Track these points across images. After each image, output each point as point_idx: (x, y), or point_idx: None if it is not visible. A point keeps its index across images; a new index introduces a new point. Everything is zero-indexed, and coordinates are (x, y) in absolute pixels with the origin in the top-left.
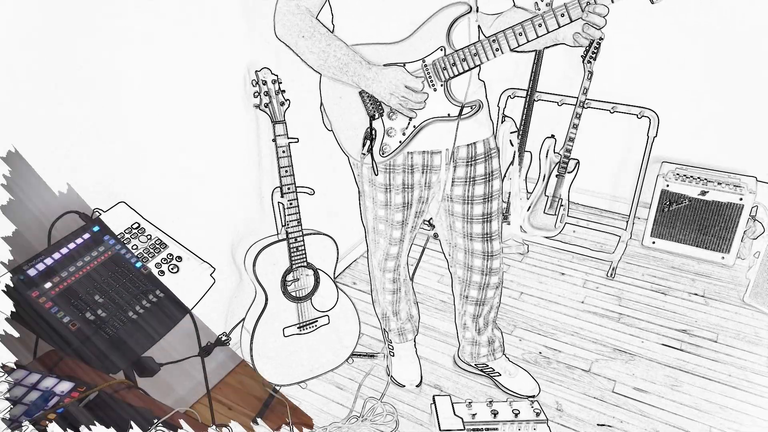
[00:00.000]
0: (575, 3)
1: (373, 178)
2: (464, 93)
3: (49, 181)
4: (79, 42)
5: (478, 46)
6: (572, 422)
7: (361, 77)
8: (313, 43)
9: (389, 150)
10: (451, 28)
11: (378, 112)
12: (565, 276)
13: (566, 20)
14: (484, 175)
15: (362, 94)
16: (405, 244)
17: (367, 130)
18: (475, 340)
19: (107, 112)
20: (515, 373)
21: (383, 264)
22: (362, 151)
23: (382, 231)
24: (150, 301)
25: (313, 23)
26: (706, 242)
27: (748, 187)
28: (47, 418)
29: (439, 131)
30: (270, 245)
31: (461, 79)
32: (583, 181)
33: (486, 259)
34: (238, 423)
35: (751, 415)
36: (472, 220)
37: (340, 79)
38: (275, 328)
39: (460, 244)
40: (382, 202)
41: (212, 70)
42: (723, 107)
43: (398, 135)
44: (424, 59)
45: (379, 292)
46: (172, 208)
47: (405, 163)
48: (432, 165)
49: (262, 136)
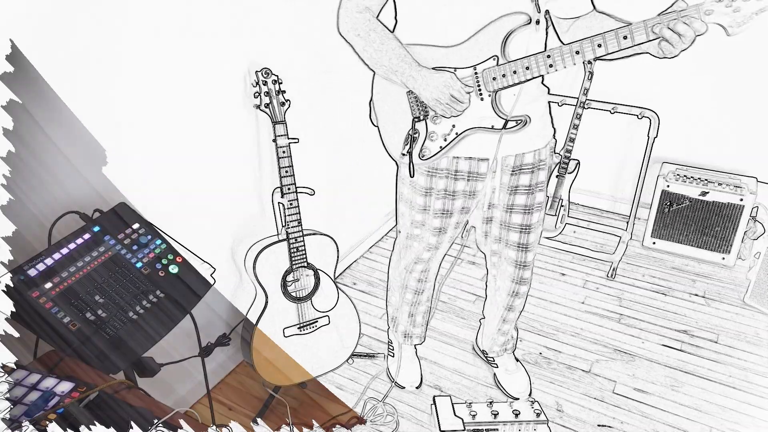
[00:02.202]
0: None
1: (413, 180)
2: (511, 106)
3: (49, 181)
4: (79, 41)
5: (531, 61)
6: (572, 423)
7: (409, 78)
8: (367, 42)
9: (428, 154)
10: (507, 38)
11: (423, 114)
12: (565, 276)
13: (644, 38)
14: (528, 186)
15: (409, 95)
16: (439, 252)
17: (410, 131)
18: (493, 337)
19: (107, 112)
20: (513, 372)
21: (412, 266)
22: (402, 151)
23: (417, 236)
24: (150, 302)
25: (370, 22)
26: (707, 243)
27: (749, 187)
28: (47, 418)
29: (484, 140)
30: (270, 245)
31: (511, 91)
32: (584, 181)
33: (518, 268)
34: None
35: (751, 415)
36: (509, 228)
37: (391, 79)
38: (275, 329)
39: (495, 249)
40: (420, 206)
41: (212, 70)
42: (723, 108)
43: (439, 140)
44: (475, 66)
45: (398, 291)
46: (172, 208)
47: (450, 168)
48: (478, 172)
49: (263, 137)
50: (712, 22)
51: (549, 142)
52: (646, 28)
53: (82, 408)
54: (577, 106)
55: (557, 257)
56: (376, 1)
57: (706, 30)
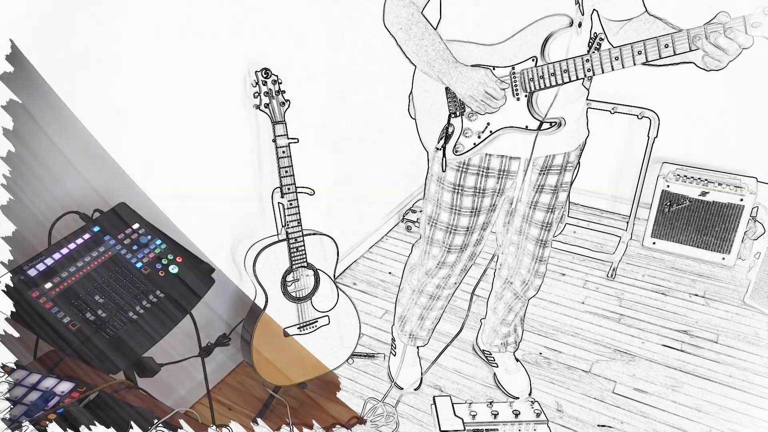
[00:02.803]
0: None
1: (443, 175)
2: (547, 108)
3: (49, 181)
4: (79, 41)
5: (570, 64)
6: (572, 423)
7: (445, 74)
8: (408, 35)
9: (462, 150)
10: (547, 39)
11: (459, 110)
12: (565, 276)
13: (685, 48)
14: (554, 186)
15: (448, 91)
16: (465, 255)
17: (445, 126)
18: (496, 328)
19: (107, 112)
20: (513, 371)
21: (435, 271)
22: (437, 145)
23: (439, 240)
24: (150, 302)
25: (413, 16)
26: (707, 243)
27: (749, 187)
28: (47, 418)
29: (517, 140)
30: (270, 245)
31: (548, 93)
32: (584, 181)
33: (535, 261)
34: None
35: (751, 415)
36: (531, 223)
37: (428, 74)
38: (275, 329)
39: (515, 240)
40: (447, 204)
41: (212, 70)
42: (723, 108)
43: (473, 137)
44: (513, 66)
45: (410, 292)
46: (172, 208)
47: (481, 164)
48: (509, 170)
49: (262, 137)
50: (759, 35)
51: (580, 145)
52: (689, 38)
53: (82, 408)
54: None
55: (557, 257)
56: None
57: (752, 44)
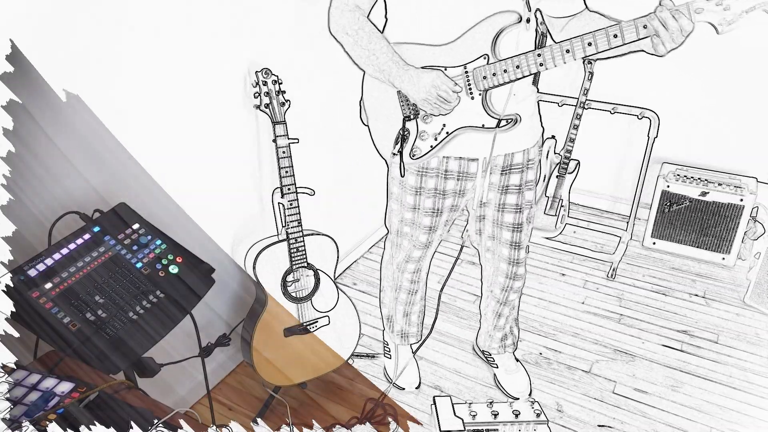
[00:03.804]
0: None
1: (404, 179)
2: (503, 105)
3: (49, 181)
4: (79, 41)
5: (522, 59)
6: (572, 423)
7: (396, 78)
8: (355, 41)
9: (419, 153)
10: (497, 36)
11: (413, 114)
12: (565, 277)
13: (634, 37)
14: (518, 185)
15: (400, 95)
16: (430, 249)
17: (400, 130)
18: (490, 333)
19: (107, 112)
20: (513, 372)
21: (404, 265)
22: (393, 150)
23: (407, 234)
24: (150, 302)
25: (359, 21)
26: (707, 243)
27: (749, 188)
28: (47, 418)
29: (474, 140)
30: (270, 246)
31: (501, 90)
32: (584, 181)
33: (512, 264)
34: (238, 423)
35: (751, 415)
36: (502, 227)
37: (379, 78)
38: (275, 329)
39: (489, 246)
40: (410, 204)
41: (212, 70)
42: (723, 108)
43: (430, 139)
44: (465, 65)
45: (392, 292)
46: (172, 208)
47: (439, 167)
48: (468, 172)
49: (263, 137)
50: (701, 20)
51: (538, 141)
52: (637, 26)
53: (82, 408)
54: (577, 107)
55: (557, 257)
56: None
57: (692, 28)
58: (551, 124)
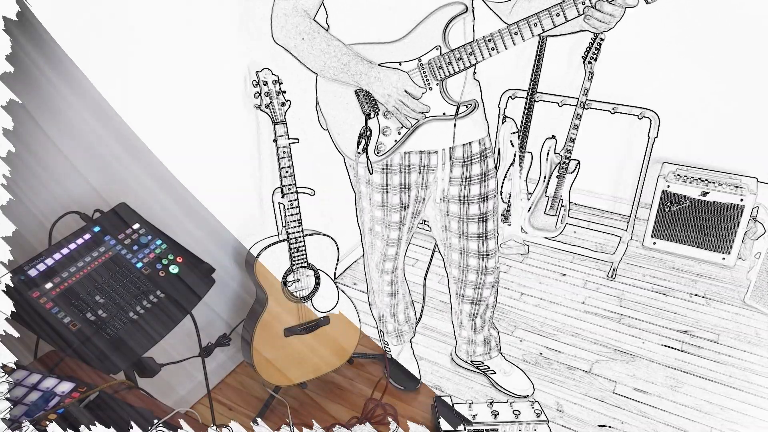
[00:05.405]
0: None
1: (370, 178)
2: (460, 92)
3: (49, 181)
4: (78, 40)
5: (474, 46)
6: (573, 423)
7: (362, 76)
8: (312, 44)
9: (384, 149)
10: (447, 27)
11: (374, 111)
12: (565, 277)
13: (574, 13)
14: (480, 175)
15: (358, 93)
16: (402, 245)
17: (363, 128)
18: (471, 339)
19: (107, 112)
20: (510, 372)
21: (381, 266)
22: (357, 149)
23: (379, 232)
24: (150, 302)
25: (312, 24)
26: (707, 243)
27: (749, 187)
28: (48, 418)
29: (435, 131)
30: (270, 246)
31: (457, 78)
32: (584, 181)
33: (481, 258)
34: (238, 423)
35: (751, 415)
36: (468, 220)
37: (341, 79)
38: (276, 329)
39: (456, 244)
40: (378, 202)
41: (212, 70)
42: (724, 108)
43: (393, 134)
44: (419, 58)
45: (377, 294)
46: (172, 208)
47: (402, 163)
48: (429, 165)
49: (263, 137)
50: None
51: (489, 131)
52: (576, 4)
53: (83, 408)
54: (577, 107)
55: (557, 257)
56: (313, 3)
57: (636, 4)
58: (551, 124)
